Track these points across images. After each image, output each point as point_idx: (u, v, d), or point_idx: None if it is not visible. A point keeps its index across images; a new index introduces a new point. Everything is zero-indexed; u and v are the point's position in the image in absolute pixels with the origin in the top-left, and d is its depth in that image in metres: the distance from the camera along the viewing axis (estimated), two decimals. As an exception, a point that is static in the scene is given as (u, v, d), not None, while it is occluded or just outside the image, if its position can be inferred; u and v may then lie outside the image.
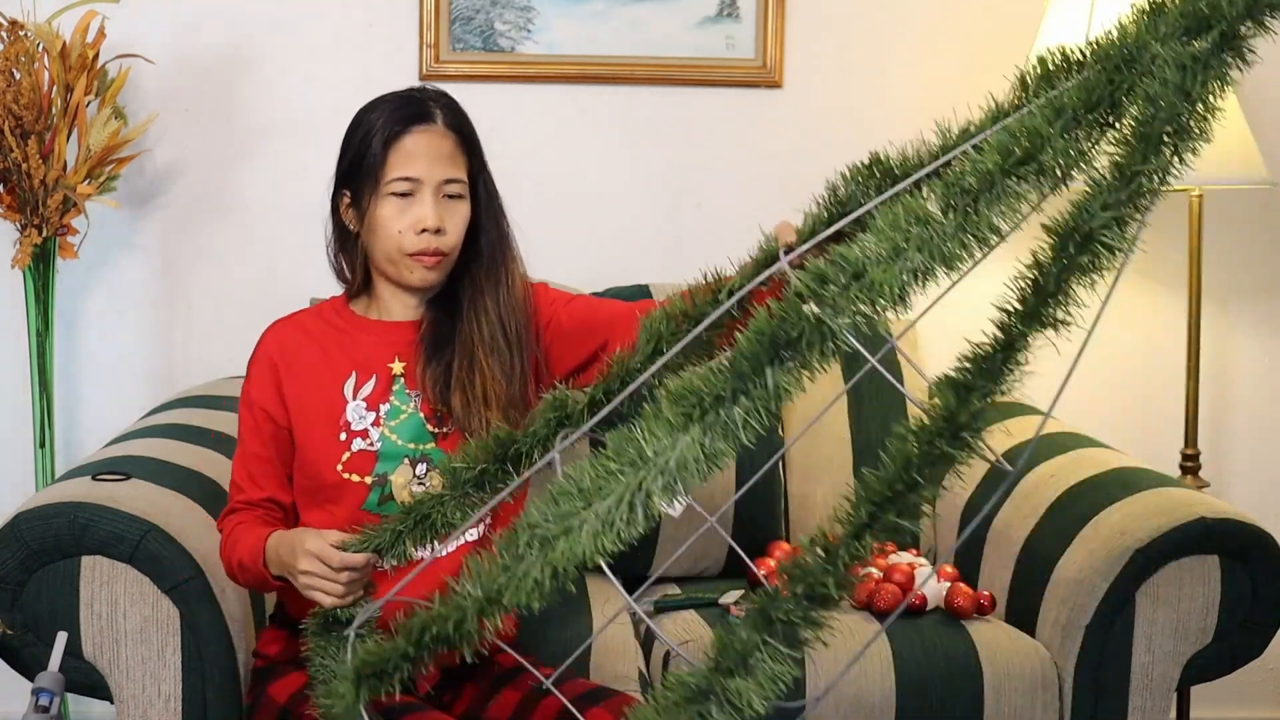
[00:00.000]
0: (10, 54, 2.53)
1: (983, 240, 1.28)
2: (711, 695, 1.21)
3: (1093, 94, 1.29)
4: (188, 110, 2.87)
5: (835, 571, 1.21)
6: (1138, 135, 1.26)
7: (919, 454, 1.24)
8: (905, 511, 1.25)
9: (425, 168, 1.89)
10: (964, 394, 1.25)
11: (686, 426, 1.25)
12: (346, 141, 1.95)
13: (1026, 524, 2.34)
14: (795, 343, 1.26)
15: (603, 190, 2.96)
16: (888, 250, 1.26)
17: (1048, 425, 2.59)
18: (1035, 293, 1.33)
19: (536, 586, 1.31)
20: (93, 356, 2.90)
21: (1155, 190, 1.28)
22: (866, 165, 1.54)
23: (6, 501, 2.26)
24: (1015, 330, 1.30)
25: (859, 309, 1.26)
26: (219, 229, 2.90)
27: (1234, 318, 3.10)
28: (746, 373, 1.25)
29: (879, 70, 2.99)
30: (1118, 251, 1.30)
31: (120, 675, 1.97)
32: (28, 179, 2.56)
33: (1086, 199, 1.29)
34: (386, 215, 1.89)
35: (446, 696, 1.95)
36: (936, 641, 2.19)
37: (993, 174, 1.28)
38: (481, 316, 1.94)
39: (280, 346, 1.97)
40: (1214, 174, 2.65)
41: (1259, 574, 2.15)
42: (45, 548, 1.95)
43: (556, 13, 2.90)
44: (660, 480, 1.25)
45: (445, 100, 1.96)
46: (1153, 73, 1.26)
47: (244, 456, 1.96)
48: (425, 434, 1.93)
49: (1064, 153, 1.28)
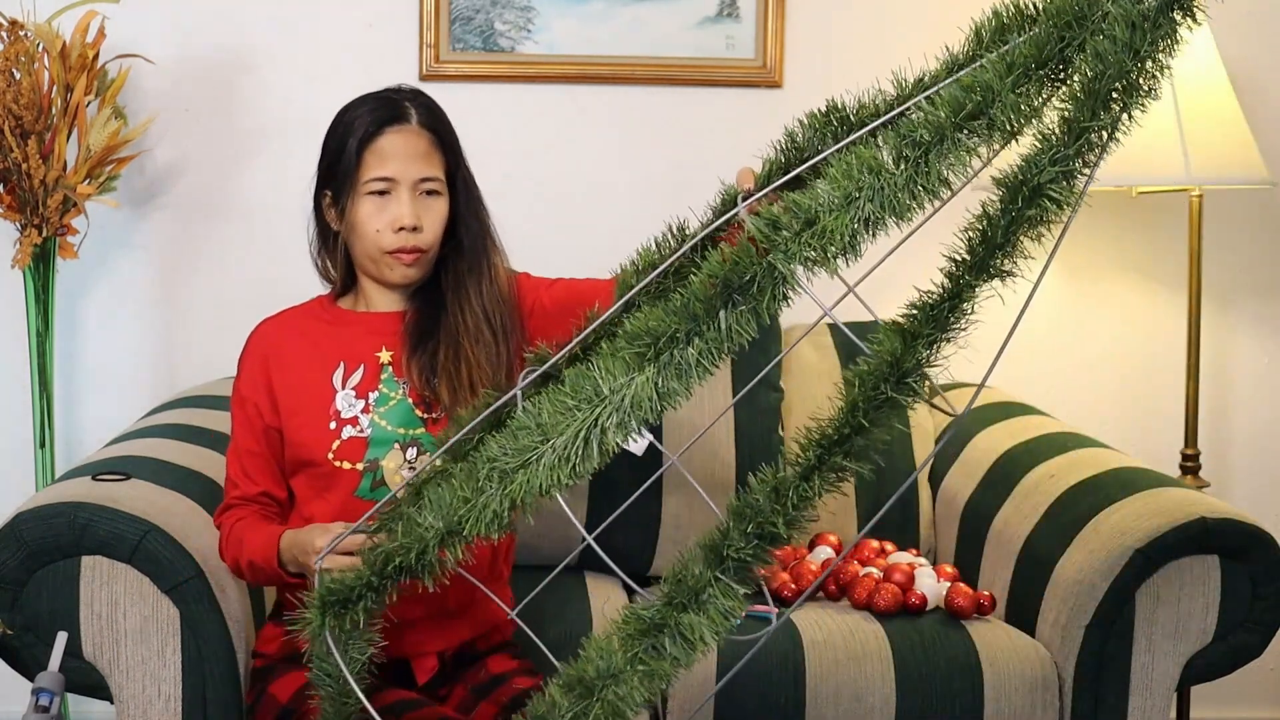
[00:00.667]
0: (10, 54, 2.53)
1: (933, 192, 1.29)
2: (665, 628, 1.25)
3: (1043, 49, 1.30)
4: (188, 110, 2.87)
5: (784, 511, 1.25)
6: (1087, 91, 1.28)
7: (863, 398, 1.27)
8: (852, 454, 1.28)
9: (400, 167, 1.93)
10: (909, 340, 1.28)
11: (641, 365, 1.27)
12: (326, 142, 1.99)
13: (1026, 524, 2.33)
14: (747, 287, 1.28)
15: (602, 190, 2.96)
16: (840, 198, 1.27)
17: (1048, 425, 2.59)
18: (983, 244, 1.34)
19: (495, 518, 1.33)
20: (93, 356, 2.90)
21: (1103, 145, 1.30)
22: (824, 113, 1.57)
23: (6, 501, 2.26)
24: (962, 280, 1.31)
25: (809, 255, 1.25)
26: (219, 229, 2.90)
27: (1234, 318, 3.10)
28: (700, 314, 1.27)
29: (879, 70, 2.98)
30: (1065, 205, 1.31)
31: (120, 675, 1.97)
32: (28, 179, 2.56)
33: (1036, 153, 1.30)
34: (364, 214, 1.93)
35: (443, 690, 1.96)
36: (936, 641, 2.19)
37: (944, 127, 1.29)
38: (465, 307, 1.97)
39: (269, 342, 2.01)
40: (1214, 174, 2.65)
41: (1259, 574, 2.15)
42: (45, 548, 1.95)
43: (556, 13, 2.90)
44: (615, 417, 1.27)
45: (421, 99, 1.99)
46: (1103, 30, 1.27)
47: (237, 452, 2.00)
48: (414, 419, 1.96)
49: (1014, 108, 1.29)
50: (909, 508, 2.64)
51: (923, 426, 2.71)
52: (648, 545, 2.54)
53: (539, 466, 1.30)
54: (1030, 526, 2.32)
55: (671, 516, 2.55)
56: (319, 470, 1.95)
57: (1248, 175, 2.70)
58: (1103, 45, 1.27)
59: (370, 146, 1.93)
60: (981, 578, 2.44)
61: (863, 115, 1.53)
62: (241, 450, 2.00)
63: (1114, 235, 3.05)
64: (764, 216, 1.28)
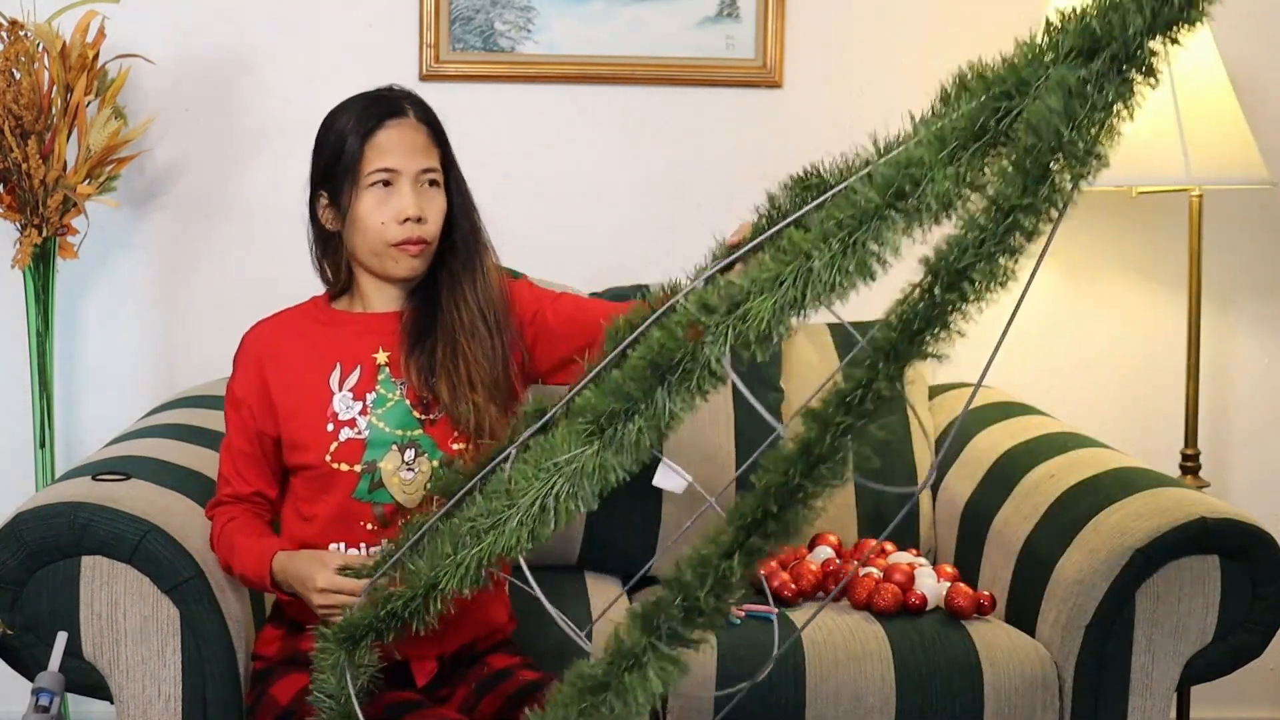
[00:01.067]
0: (10, 54, 2.53)
1: (866, 272, 1.27)
2: (610, 686, 1.31)
3: (978, 121, 1.25)
4: (188, 110, 2.87)
5: (710, 585, 1.29)
6: (1017, 166, 1.20)
7: (775, 484, 1.29)
8: (771, 535, 1.30)
9: (402, 159, 1.94)
10: (823, 428, 1.27)
11: (589, 440, 1.34)
12: (319, 144, 2.00)
13: (1026, 524, 2.33)
14: (676, 368, 1.32)
15: (602, 190, 2.96)
16: (770, 279, 1.27)
17: (1048, 425, 2.59)
18: (901, 331, 1.30)
19: (467, 573, 1.45)
20: (93, 356, 2.90)
21: (1037, 227, 1.22)
22: (802, 177, 1.57)
23: (6, 501, 2.26)
24: (878, 369, 1.29)
25: (735, 339, 1.27)
26: (219, 229, 2.90)
27: (1234, 318, 3.10)
28: (635, 395, 1.33)
29: (879, 70, 2.99)
30: (990, 289, 1.25)
31: (120, 675, 1.97)
32: (28, 179, 2.56)
33: (959, 235, 1.24)
34: (368, 208, 1.94)
35: (443, 691, 1.96)
36: (936, 641, 2.19)
37: (869, 210, 1.25)
38: (461, 304, 1.98)
39: (264, 344, 2.02)
40: (1214, 174, 2.65)
41: (1259, 574, 2.15)
42: (45, 548, 1.95)
43: (556, 13, 2.90)
44: (566, 487, 1.35)
45: (412, 96, 2.01)
46: (1042, 96, 1.20)
47: (231, 451, 2.02)
48: (412, 420, 1.96)
49: (941, 195, 1.23)
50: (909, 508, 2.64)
51: (923, 427, 2.71)
52: (647, 546, 2.54)
53: (505, 530, 1.39)
54: (1030, 526, 2.32)
55: (671, 517, 2.55)
56: (316, 472, 1.95)
57: (1248, 175, 2.70)
58: (1036, 114, 1.20)
59: (370, 140, 1.93)
60: (981, 578, 2.44)
61: (843, 177, 1.52)
62: (234, 449, 2.01)
63: (1114, 235, 3.06)
64: (695, 298, 1.31)
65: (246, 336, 2.04)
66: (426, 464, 1.94)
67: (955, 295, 1.26)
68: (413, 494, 1.94)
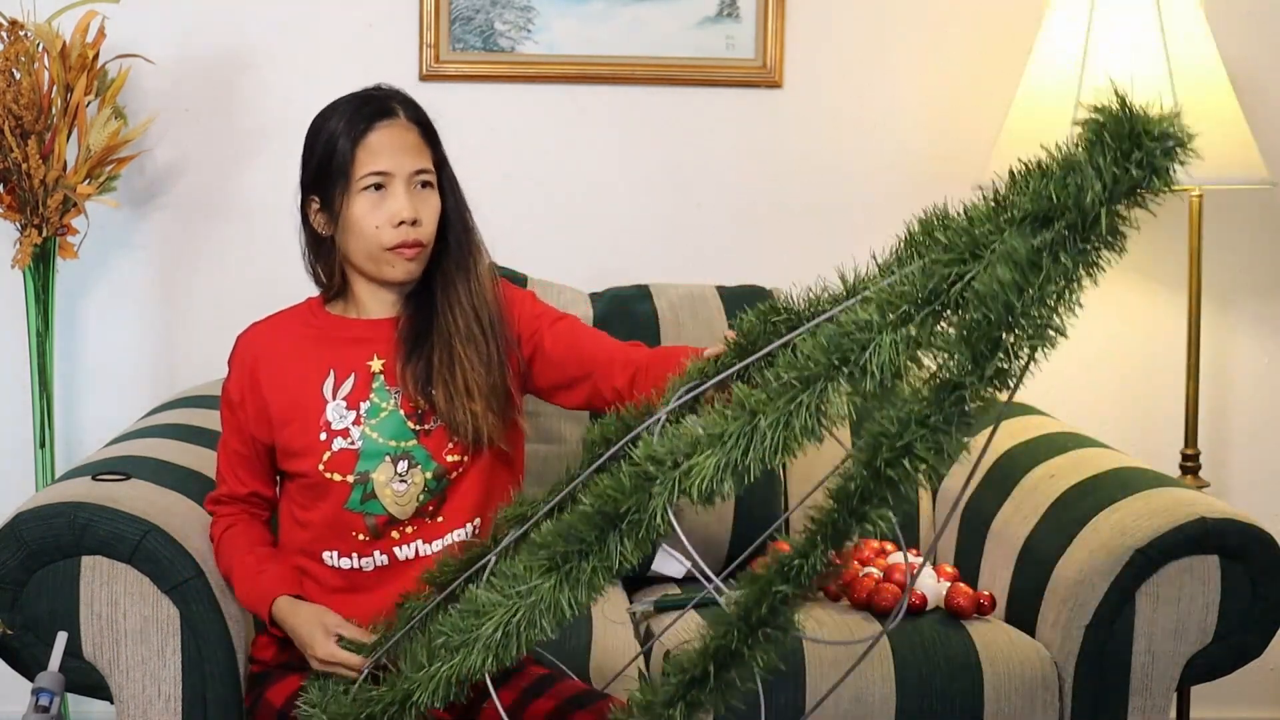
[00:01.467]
0: (10, 54, 2.53)
1: (811, 435, 1.24)
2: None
3: (928, 285, 1.18)
4: (188, 110, 2.87)
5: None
6: (966, 340, 1.13)
7: (714, 645, 1.31)
8: (714, 692, 1.34)
9: (395, 160, 1.91)
10: (763, 592, 1.27)
11: (548, 574, 1.39)
12: (309, 148, 1.97)
13: (1026, 524, 2.33)
14: (624, 517, 1.34)
15: (603, 190, 2.96)
16: (715, 437, 1.26)
17: (1048, 425, 2.59)
18: (839, 507, 1.26)
19: (439, 688, 1.49)
20: (93, 356, 2.90)
21: (988, 403, 1.15)
22: (770, 308, 1.55)
23: (6, 501, 2.26)
24: (817, 541, 1.27)
25: (676, 492, 1.28)
26: (219, 229, 2.90)
27: (1234, 318, 3.10)
28: (588, 539, 1.36)
29: (879, 70, 2.99)
30: (947, 457, 1.17)
31: (120, 675, 1.97)
32: (28, 179, 2.56)
33: (902, 409, 1.18)
34: (361, 212, 1.91)
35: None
36: (936, 641, 2.18)
37: (819, 371, 1.22)
38: (455, 308, 1.95)
39: (258, 347, 2.00)
40: (1214, 174, 2.65)
41: (1259, 574, 2.15)
42: (45, 548, 1.95)
43: (556, 13, 2.90)
44: (526, 615, 1.40)
45: (401, 95, 1.98)
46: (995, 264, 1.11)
47: (226, 452, 2.02)
48: (406, 431, 1.94)
49: (885, 365, 1.17)
50: (909, 508, 2.64)
51: (923, 426, 2.71)
52: (648, 545, 2.54)
53: (473, 650, 1.43)
54: (1030, 526, 2.32)
55: (671, 516, 2.55)
56: (309, 480, 1.94)
57: (1248, 175, 2.70)
58: (986, 285, 1.11)
59: (362, 143, 1.90)
60: (981, 578, 2.44)
61: (805, 314, 1.49)
62: (230, 450, 2.01)
63: (1114, 235, 3.05)
64: (644, 450, 1.32)
65: (240, 339, 2.03)
66: (419, 476, 1.93)
67: (898, 471, 1.19)
68: (405, 506, 1.93)
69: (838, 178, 2.98)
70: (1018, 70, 2.83)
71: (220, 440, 2.03)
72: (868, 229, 2.99)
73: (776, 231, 2.97)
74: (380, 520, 1.92)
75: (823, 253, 2.98)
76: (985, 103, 2.96)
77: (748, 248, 2.97)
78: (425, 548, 1.94)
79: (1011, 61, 2.91)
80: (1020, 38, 2.90)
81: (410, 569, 1.91)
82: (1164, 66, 2.64)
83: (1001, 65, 2.95)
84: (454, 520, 1.95)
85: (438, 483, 1.94)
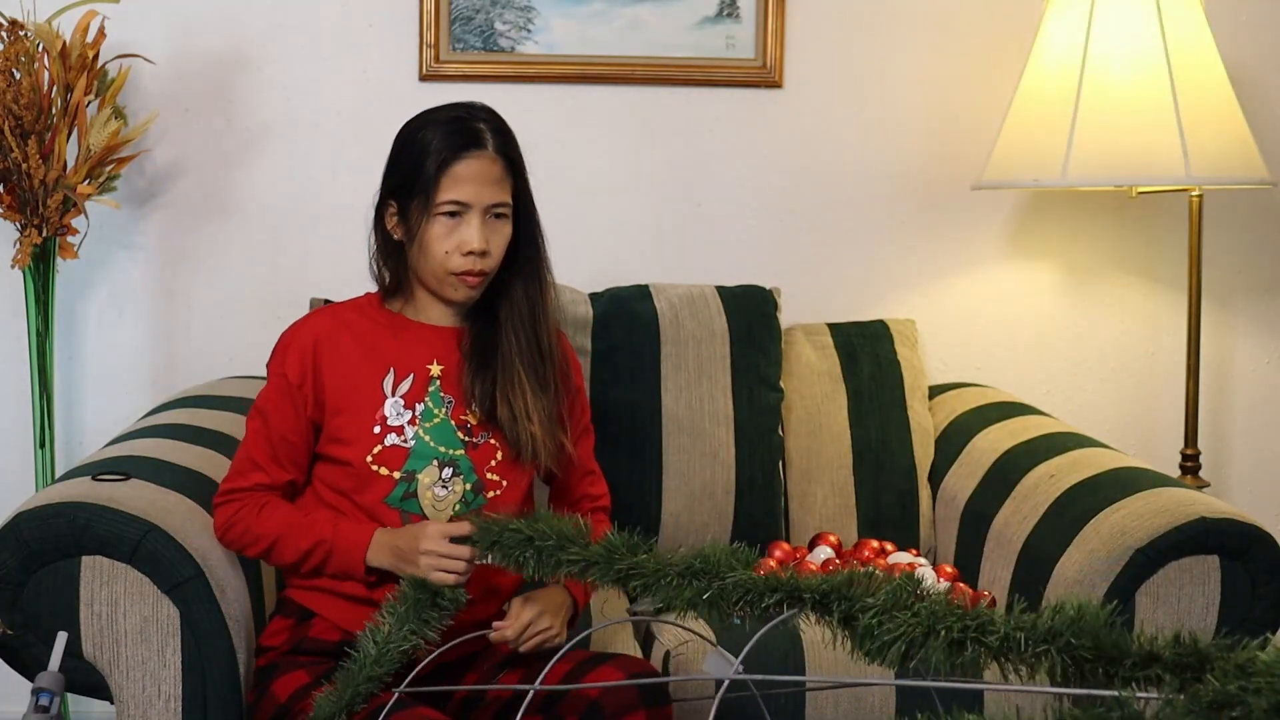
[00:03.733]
0: (10, 54, 2.53)
1: None
2: None
3: None
4: (188, 110, 2.87)
5: None
6: None
7: None
8: None
9: (474, 192, 1.95)
10: None
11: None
12: (397, 157, 2.01)
13: (1026, 524, 2.33)
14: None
15: (603, 190, 2.96)
16: None
17: (1048, 425, 2.59)
18: None
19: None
20: (93, 356, 2.90)
21: None
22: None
23: (6, 501, 2.26)
24: None
25: None
26: (219, 229, 2.90)
27: (1234, 317, 3.11)
28: None
29: (879, 70, 2.99)
30: None
31: (120, 675, 1.97)
32: (28, 179, 2.56)
33: None
34: (435, 235, 1.96)
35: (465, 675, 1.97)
36: (936, 641, 2.18)
37: None
38: (521, 330, 2.01)
39: (322, 334, 2.02)
40: (1214, 174, 2.65)
41: (1259, 574, 2.15)
42: (45, 548, 1.95)
43: (556, 13, 2.90)
44: None
45: (495, 124, 2.01)
46: None
47: (270, 440, 2.00)
48: (456, 440, 1.99)
49: None
50: (909, 508, 2.64)
51: (923, 427, 2.71)
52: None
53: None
54: (1030, 526, 2.32)
55: (671, 517, 2.55)
56: (353, 470, 1.97)
57: (1248, 175, 2.70)
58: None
59: (448, 171, 1.94)
60: (981, 578, 2.44)
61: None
62: (275, 437, 2.00)
63: (1114, 235, 3.06)
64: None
65: (303, 323, 2.05)
66: (460, 485, 1.97)
67: None
68: (441, 512, 1.96)
69: (837, 177, 2.98)
70: (1018, 70, 2.83)
71: (258, 430, 2.02)
72: (867, 229, 2.99)
73: (776, 231, 2.97)
74: (415, 520, 1.95)
75: (822, 252, 3.00)
76: (985, 103, 2.96)
77: (747, 248, 2.97)
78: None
79: (1011, 61, 2.91)
80: (1020, 38, 2.90)
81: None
82: (1164, 66, 2.64)
83: (1001, 65, 2.95)
84: None
85: (475, 496, 1.98)
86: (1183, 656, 1.19)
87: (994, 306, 3.03)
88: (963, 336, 3.03)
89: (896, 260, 3.00)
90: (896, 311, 2.97)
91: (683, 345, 2.60)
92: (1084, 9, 2.70)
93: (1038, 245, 3.04)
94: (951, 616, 1.28)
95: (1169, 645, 1.20)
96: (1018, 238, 3.03)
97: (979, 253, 3.02)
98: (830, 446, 2.67)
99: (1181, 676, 1.17)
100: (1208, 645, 1.17)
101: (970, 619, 1.28)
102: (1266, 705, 1.07)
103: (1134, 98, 2.63)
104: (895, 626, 1.31)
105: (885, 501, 2.64)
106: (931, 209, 2.99)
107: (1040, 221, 3.04)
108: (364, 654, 1.79)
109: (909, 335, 2.82)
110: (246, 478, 2.01)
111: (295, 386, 1.99)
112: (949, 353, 3.03)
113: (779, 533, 2.61)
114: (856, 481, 2.65)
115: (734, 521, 2.56)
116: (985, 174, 2.79)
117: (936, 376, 2.98)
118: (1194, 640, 1.20)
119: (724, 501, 2.56)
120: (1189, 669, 1.18)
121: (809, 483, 2.66)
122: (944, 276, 3.01)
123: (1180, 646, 1.20)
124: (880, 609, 1.31)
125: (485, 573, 1.92)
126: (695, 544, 2.55)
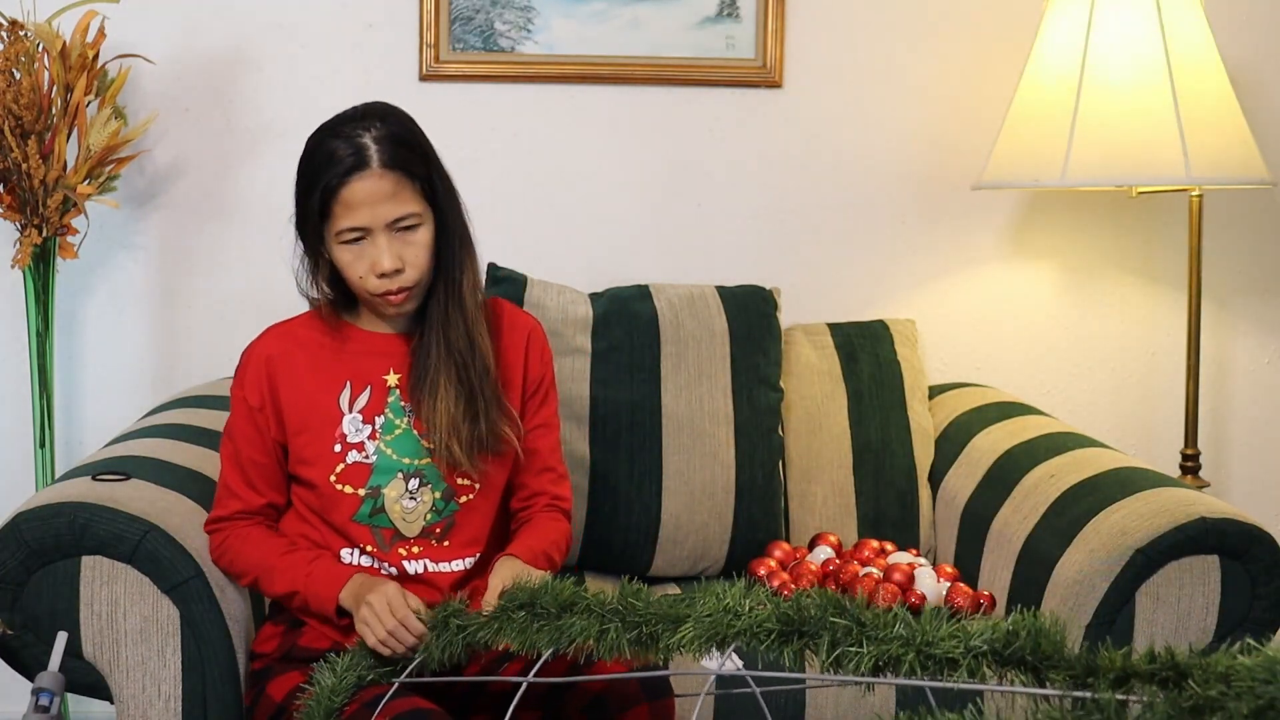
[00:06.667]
0: (10, 54, 2.53)
1: None
2: None
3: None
4: (188, 110, 2.87)
5: None
6: None
7: None
8: None
9: (369, 215, 1.87)
10: None
11: None
12: (298, 180, 1.93)
13: (1026, 524, 2.34)
14: None
15: (603, 190, 2.96)
16: None
17: (1048, 425, 2.59)
18: None
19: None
20: (93, 356, 2.90)
21: None
22: None
23: (6, 501, 2.26)
24: None
25: None
26: (219, 229, 2.90)
27: (1234, 317, 3.11)
28: None
29: (879, 70, 2.99)
30: None
31: (120, 675, 1.97)
32: (28, 179, 2.56)
33: None
34: (346, 262, 1.91)
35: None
36: (936, 641, 2.18)
37: None
38: (437, 334, 1.93)
39: (275, 353, 1.99)
40: (1214, 174, 2.65)
41: (1259, 574, 2.15)
42: (45, 548, 1.95)
43: (556, 13, 2.90)
44: None
45: (382, 132, 1.88)
46: None
47: (240, 465, 1.99)
48: (421, 449, 1.95)
49: None
50: (909, 508, 2.64)
51: (923, 427, 2.71)
52: (647, 545, 2.54)
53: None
54: (1030, 526, 2.32)
55: (671, 517, 2.55)
56: (318, 491, 1.95)
57: (1248, 175, 2.70)
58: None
59: (337, 199, 1.86)
60: (981, 578, 2.44)
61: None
62: (245, 461, 1.98)
63: (1114, 235, 3.06)
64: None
65: (255, 345, 2.01)
66: (429, 494, 1.95)
67: None
68: (412, 523, 1.94)
69: (837, 177, 2.98)
70: (1018, 70, 2.83)
71: (229, 455, 2.00)
72: (867, 229, 2.99)
73: (776, 231, 2.97)
74: (387, 534, 1.94)
75: (822, 252, 3.00)
76: (985, 103, 2.96)
77: (747, 248, 2.97)
78: (434, 566, 1.95)
79: (1011, 61, 2.91)
80: (1020, 38, 2.90)
81: (419, 582, 1.93)
82: (1164, 66, 2.64)
83: (1001, 65, 2.95)
84: (459, 550, 1.97)
85: (446, 504, 1.96)
86: (1160, 670, 1.19)
87: (994, 306, 3.03)
88: (963, 336, 3.03)
89: (896, 260, 3.00)
90: (896, 311, 2.97)
91: (683, 345, 2.60)
92: (1084, 9, 2.70)
93: (1038, 245, 3.04)
94: (909, 649, 1.29)
95: (1144, 659, 1.19)
96: (1018, 238, 3.03)
97: (979, 253, 3.02)
98: (830, 446, 2.67)
99: (1163, 689, 1.17)
100: (1185, 659, 1.16)
101: (923, 646, 1.29)
102: (1247, 710, 1.07)
103: (1134, 98, 2.63)
104: (849, 659, 1.32)
105: (885, 501, 2.64)
106: (931, 209, 2.99)
107: (1040, 221, 3.04)
108: (321, 686, 1.79)
109: (909, 335, 2.82)
110: (225, 506, 2.00)
111: (256, 409, 1.97)
112: (949, 353, 3.03)
113: (779, 533, 2.61)
114: (856, 481, 2.65)
115: (734, 521, 2.56)
116: (985, 174, 2.79)
117: (936, 376, 2.98)
118: (1170, 653, 1.20)
119: (724, 501, 2.56)
120: (1167, 683, 1.18)
121: (809, 483, 2.66)
122: (944, 276, 3.01)
123: (1156, 662, 1.19)
124: (829, 647, 1.31)
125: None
126: (695, 544, 2.55)
